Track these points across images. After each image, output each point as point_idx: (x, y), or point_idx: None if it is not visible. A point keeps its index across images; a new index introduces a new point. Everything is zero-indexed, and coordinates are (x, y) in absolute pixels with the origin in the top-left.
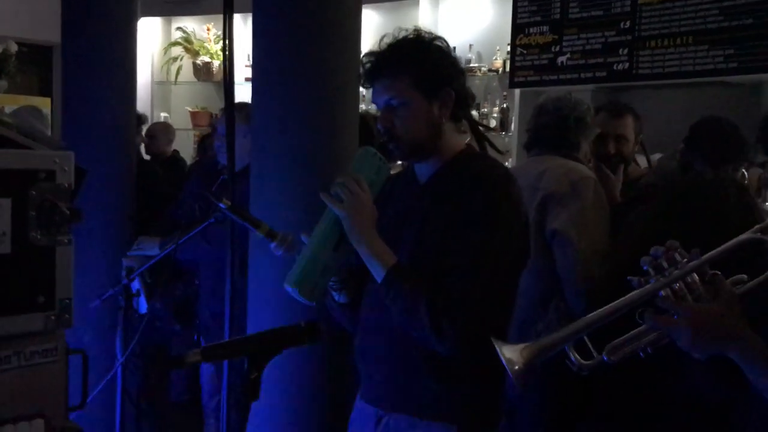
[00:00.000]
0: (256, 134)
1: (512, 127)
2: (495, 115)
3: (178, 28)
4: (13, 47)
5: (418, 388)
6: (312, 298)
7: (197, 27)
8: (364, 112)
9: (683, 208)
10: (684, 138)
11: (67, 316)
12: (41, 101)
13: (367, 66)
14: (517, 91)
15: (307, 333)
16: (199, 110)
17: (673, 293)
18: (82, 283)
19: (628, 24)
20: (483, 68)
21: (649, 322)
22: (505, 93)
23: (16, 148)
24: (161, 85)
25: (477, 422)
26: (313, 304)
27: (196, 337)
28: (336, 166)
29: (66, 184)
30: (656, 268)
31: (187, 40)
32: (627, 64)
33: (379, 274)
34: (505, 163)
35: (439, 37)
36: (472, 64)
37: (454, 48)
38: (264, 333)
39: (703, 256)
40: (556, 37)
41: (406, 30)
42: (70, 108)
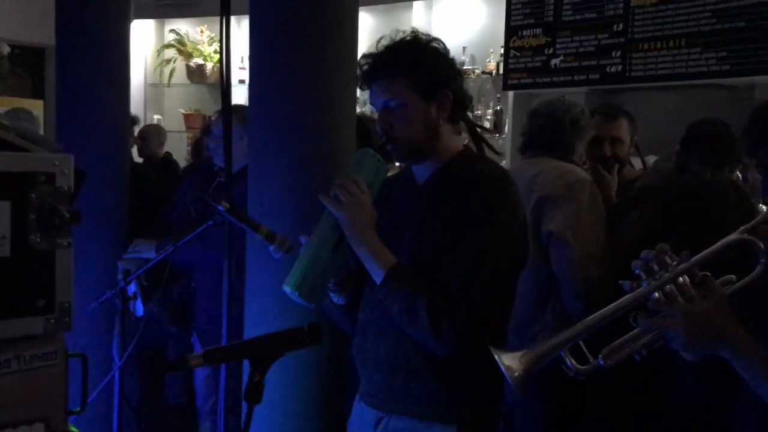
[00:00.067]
0: (254, 136)
1: (506, 129)
2: (488, 118)
3: (172, 30)
4: (5, 49)
5: (418, 389)
6: (311, 300)
7: (190, 29)
8: (362, 114)
9: (682, 209)
10: (680, 140)
11: (67, 320)
12: (34, 103)
13: (365, 68)
14: (511, 94)
15: (310, 335)
16: (193, 112)
17: (664, 295)
18: (77, 286)
19: (621, 26)
20: (476, 70)
21: (642, 324)
22: (499, 95)
23: (15, 151)
24: (154, 87)
25: (476, 423)
26: (312, 306)
27: (192, 340)
28: (334, 168)
29: (66, 187)
30: (647, 272)
31: (181, 43)
32: (620, 67)
33: (378, 275)
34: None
35: (436, 39)
36: (465, 67)
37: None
38: (267, 336)
39: (692, 258)
40: (550, 39)
41: (403, 32)
42: (64, 110)
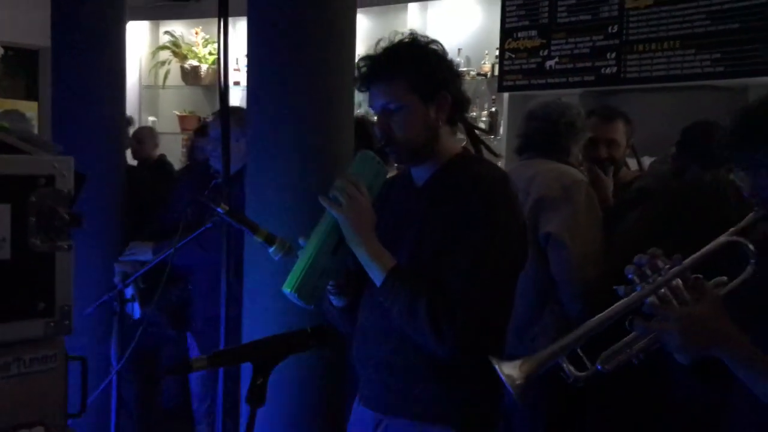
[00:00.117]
0: (252, 137)
1: (501, 131)
2: (484, 119)
3: (166, 32)
4: None
5: (417, 391)
6: (311, 301)
7: (185, 31)
8: (363, 116)
9: (683, 210)
10: (676, 142)
11: (67, 323)
12: (28, 105)
13: (364, 70)
14: (506, 95)
15: (314, 338)
16: (187, 114)
17: (658, 299)
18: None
19: (615, 28)
20: (471, 72)
21: (638, 329)
22: (494, 97)
23: (16, 154)
24: (149, 89)
25: (476, 424)
26: (312, 308)
27: (188, 342)
28: (333, 169)
29: (66, 190)
30: (641, 276)
31: (175, 44)
32: (615, 68)
33: (378, 277)
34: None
35: (435, 41)
36: (460, 68)
37: None
38: (270, 338)
39: (684, 261)
40: (545, 41)
41: (402, 34)
42: (60, 112)
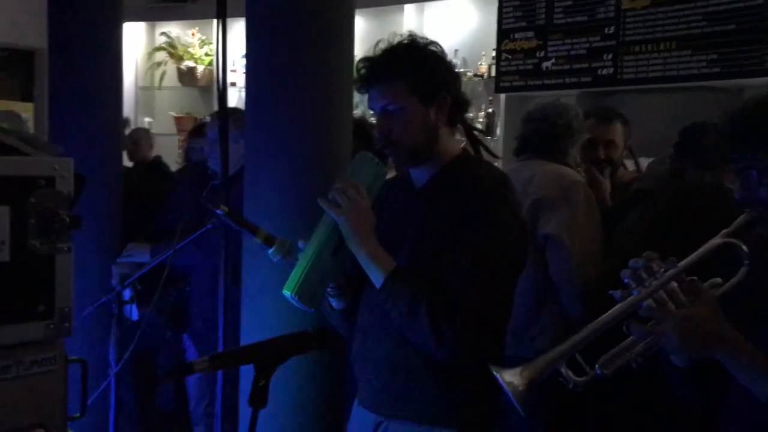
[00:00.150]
0: (251, 138)
1: (497, 132)
2: (480, 120)
3: (162, 33)
4: None
5: (418, 390)
6: (311, 304)
7: (181, 32)
8: (363, 118)
9: (685, 210)
10: (674, 144)
11: (67, 325)
12: (23, 107)
13: (363, 72)
14: (503, 96)
15: (317, 339)
16: (184, 115)
17: (655, 302)
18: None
19: (612, 29)
20: (468, 73)
21: (636, 333)
22: (491, 98)
23: (15, 155)
24: (145, 90)
25: (476, 425)
26: (312, 311)
27: (184, 344)
28: (332, 170)
29: (66, 192)
30: (637, 280)
31: (172, 45)
32: (611, 69)
33: (378, 279)
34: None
35: (434, 42)
36: (457, 69)
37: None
38: (273, 340)
39: (679, 264)
40: (541, 42)
41: (401, 35)
42: (56, 113)
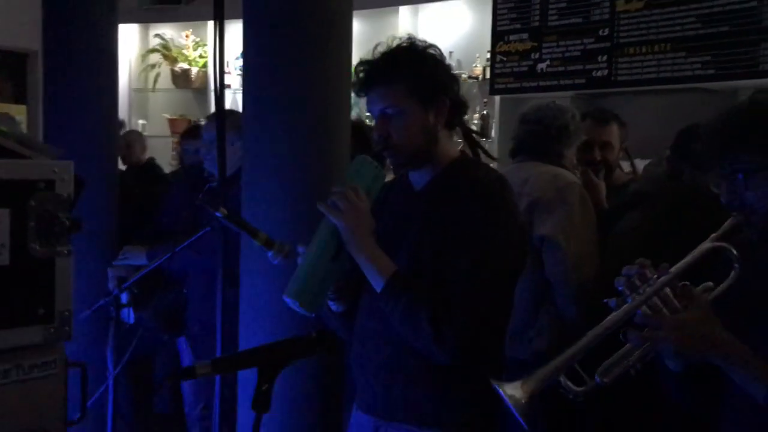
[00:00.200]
0: (248, 140)
1: (492, 134)
2: (475, 122)
3: (156, 35)
4: None
5: (417, 396)
6: (311, 309)
7: (175, 34)
8: (361, 121)
9: (684, 212)
10: (670, 146)
11: (67, 329)
12: (16, 109)
13: (362, 75)
14: (497, 98)
15: (320, 343)
16: (178, 118)
17: (650, 309)
18: None
19: (606, 31)
20: (463, 75)
21: (632, 340)
22: (486, 100)
23: (15, 158)
24: (139, 92)
25: (476, 426)
26: (312, 315)
27: (179, 347)
28: (331, 172)
29: (65, 194)
30: (631, 287)
31: (165, 47)
32: (606, 71)
33: (378, 283)
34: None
35: (433, 45)
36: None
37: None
38: (275, 343)
39: (671, 270)
40: (536, 44)
41: (399, 38)
42: (51, 115)
